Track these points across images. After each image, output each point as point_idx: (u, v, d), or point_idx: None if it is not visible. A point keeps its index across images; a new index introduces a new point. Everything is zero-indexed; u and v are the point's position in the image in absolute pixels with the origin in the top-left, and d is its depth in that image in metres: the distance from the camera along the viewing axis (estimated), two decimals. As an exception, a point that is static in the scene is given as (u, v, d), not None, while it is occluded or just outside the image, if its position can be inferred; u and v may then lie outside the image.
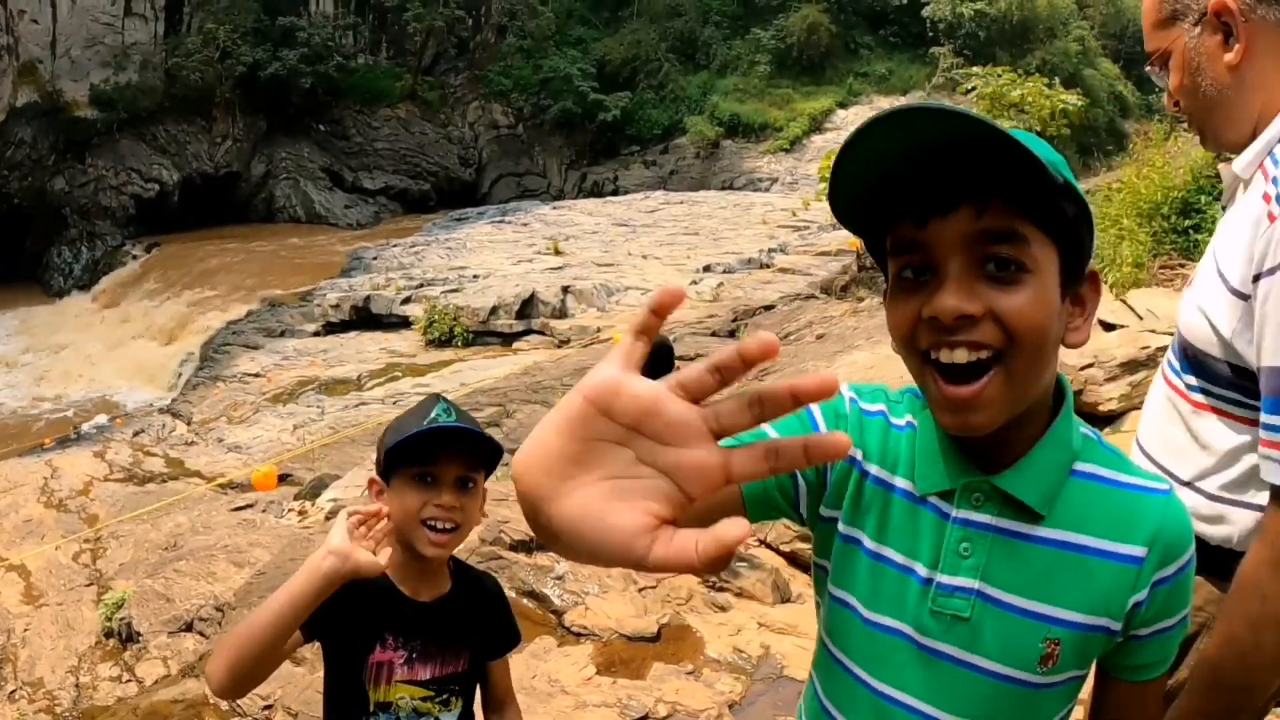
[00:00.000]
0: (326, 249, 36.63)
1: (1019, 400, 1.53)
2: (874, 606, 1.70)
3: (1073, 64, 49.57)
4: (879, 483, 1.70)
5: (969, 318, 1.46)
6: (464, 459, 2.54)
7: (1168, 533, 1.62)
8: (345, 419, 17.80)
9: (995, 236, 1.46)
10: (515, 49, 52.16)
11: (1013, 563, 1.62)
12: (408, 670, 2.63)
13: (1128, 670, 1.74)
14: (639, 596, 6.30)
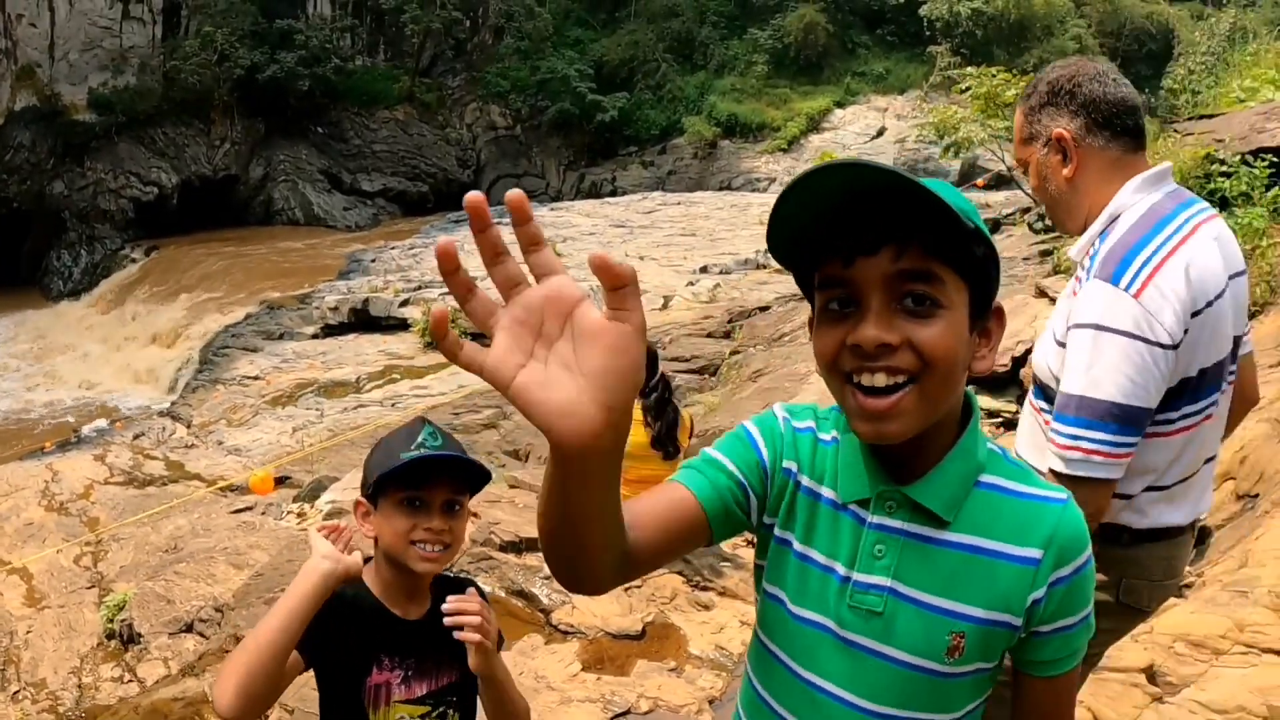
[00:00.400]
0: (325, 251, 36.63)
1: (929, 414, 1.75)
2: (800, 602, 1.92)
3: (1070, 63, 49.48)
4: (808, 492, 1.94)
5: (888, 346, 1.68)
6: (451, 483, 2.65)
7: (1062, 536, 1.82)
8: (344, 421, 17.92)
9: (913, 276, 1.68)
10: (513, 50, 52.09)
11: (922, 564, 1.83)
12: (405, 690, 2.70)
13: (1036, 666, 1.93)
14: (625, 596, 6.46)
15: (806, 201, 1.67)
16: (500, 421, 15.33)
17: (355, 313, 25.45)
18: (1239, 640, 4.97)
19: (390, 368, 21.84)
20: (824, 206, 1.68)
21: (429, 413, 16.54)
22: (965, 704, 1.92)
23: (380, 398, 19.49)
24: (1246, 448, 7.09)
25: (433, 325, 1.30)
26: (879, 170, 1.61)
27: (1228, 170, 11.16)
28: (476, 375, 1.30)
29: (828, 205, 1.67)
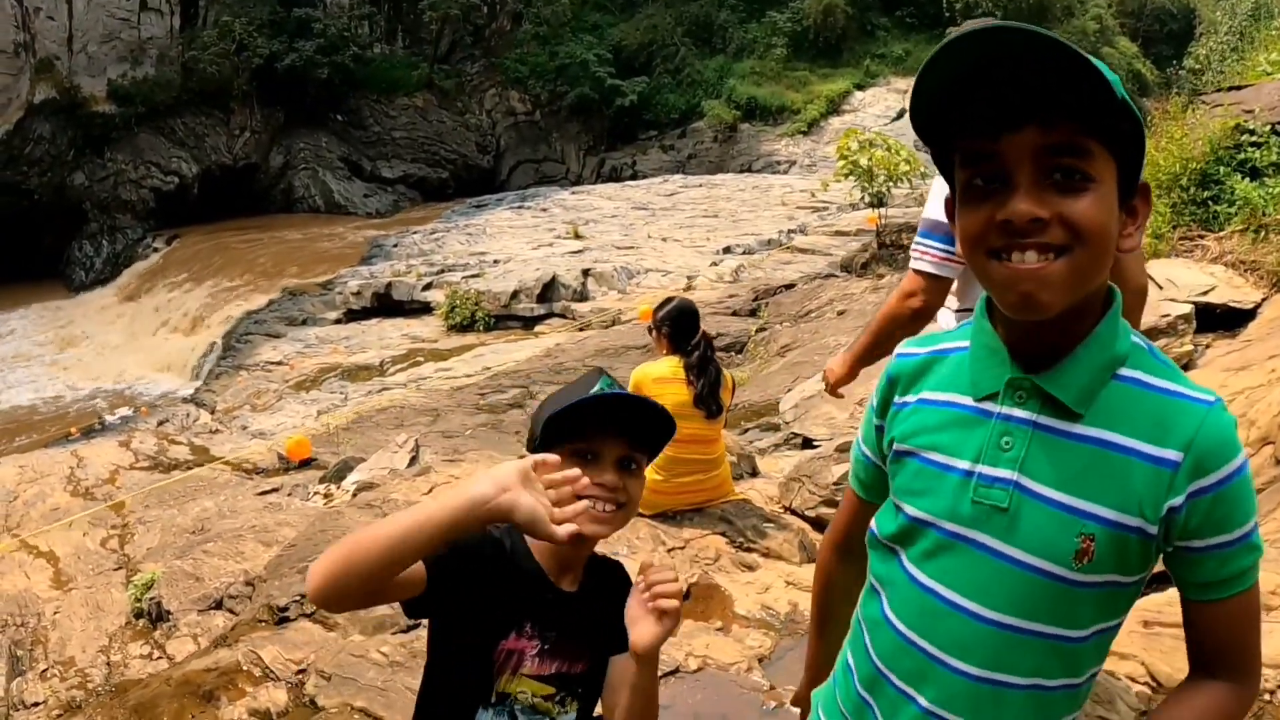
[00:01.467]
0: (346, 238, 36.69)
1: (1079, 288, 1.67)
2: (916, 503, 1.88)
3: (1091, 43, 49.31)
4: (923, 404, 1.93)
5: (1040, 221, 1.61)
6: (627, 438, 2.42)
7: (1206, 439, 1.68)
8: (368, 404, 17.86)
9: (1062, 150, 1.61)
10: (531, 36, 52.06)
11: (1050, 457, 1.73)
12: (536, 663, 2.44)
13: (1194, 589, 1.78)
14: (668, 557, 6.35)
15: (947, 72, 1.63)
16: (527, 401, 15.27)
17: (378, 297, 25.50)
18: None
19: (413, 350, 21.82)
20: (965, 76, 1.62)
21: (454, 394, 16.50)
22: (1093, 622, 1.77)
23: (404, 380, 19.46)
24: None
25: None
26: (1028, 33, 1.55)
27: (1258, 140, 11.12)
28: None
29: (969, 75, 1.62)
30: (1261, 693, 4.32)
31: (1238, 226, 10.85)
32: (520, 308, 23.39)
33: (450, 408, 15.59)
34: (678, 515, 6.90)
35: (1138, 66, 52.66)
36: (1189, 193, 11.48)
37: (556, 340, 20.23)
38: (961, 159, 1.71)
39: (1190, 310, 9.47)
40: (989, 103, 1.61)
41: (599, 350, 17.30)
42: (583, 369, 16.15)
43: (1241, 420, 7.33)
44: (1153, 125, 13.85)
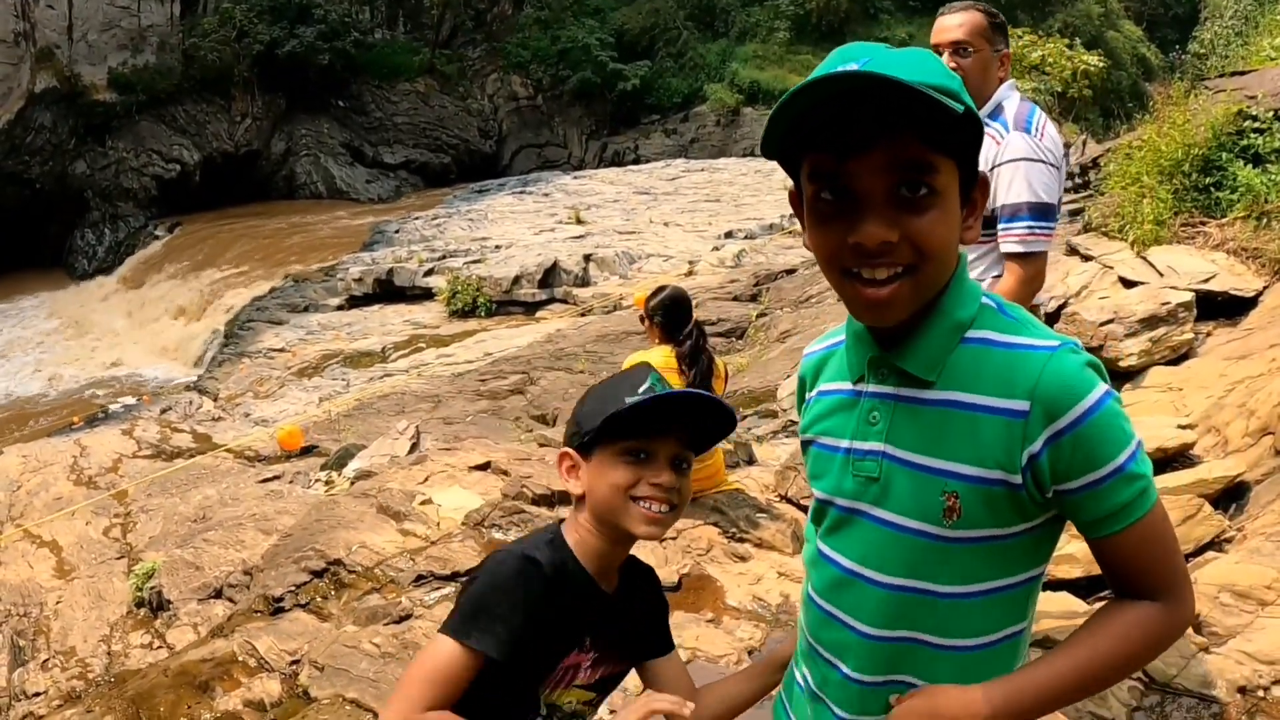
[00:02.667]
0: (348, 224, 36.72)
1: (925, 297, 1.80)
2: (819, 485, 2.03)
3: (1095, 26, 49.28)
4: (822, 395, 2.08)
5: (889, 243, 1.70)
6: (683, 437, 2.32)
7: (1050, 384, 1.72)
8: (370, 391, 17.88)
9: (909, 167, 1.69)
10: (533, 20, 52.05)
11: (912, 425, 1.85)
12: (589, 673, 2.40)
13: (1088, 527, 1.80)
14: (659, 548, 6.36)
15: (801, 104, 1.66)
16: (527, 387, 15.28)
17: (380, 283, 25.50)
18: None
19: (415, 337, 21.85)
20: (814, 104, 1.66)
21: (455, 380, 16.51)
22: (981, 578, 1.83)
23: (406, 366, 19.48)
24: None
25: None
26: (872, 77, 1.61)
27: (1260, 126, 11.09)
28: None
29: (818, 103, 1.66)
30: (1255, 689, 4.34)
31: (1240, 213, 10.82)
32: (522, 293, 23.38)
33: (451, 394, 15.61)
34: (670, 505, 6.91)
35: (1142, 50, 52.59)
36: (1191, 179, 11.45)
37: (558, 326, 20.23)
38: (810, 172, 1.77)
39: (1191, 298, 9.43)
40: (837, 124, 1.67)
41: (600, 336, 17.31)
42: (584, 355, 16.18)
43: (1241, 410, 7.33)
44: (1155, 110, 13.85)
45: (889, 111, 1.63)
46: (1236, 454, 6.97)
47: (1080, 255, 11.70)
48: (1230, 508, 6.40)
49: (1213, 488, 6.40)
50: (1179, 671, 4.46)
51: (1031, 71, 23.96)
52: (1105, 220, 12.01)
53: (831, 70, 1.68)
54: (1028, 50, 23.86)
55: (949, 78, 1.72)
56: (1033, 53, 23.71)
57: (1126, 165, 12.59)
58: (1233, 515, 6.31)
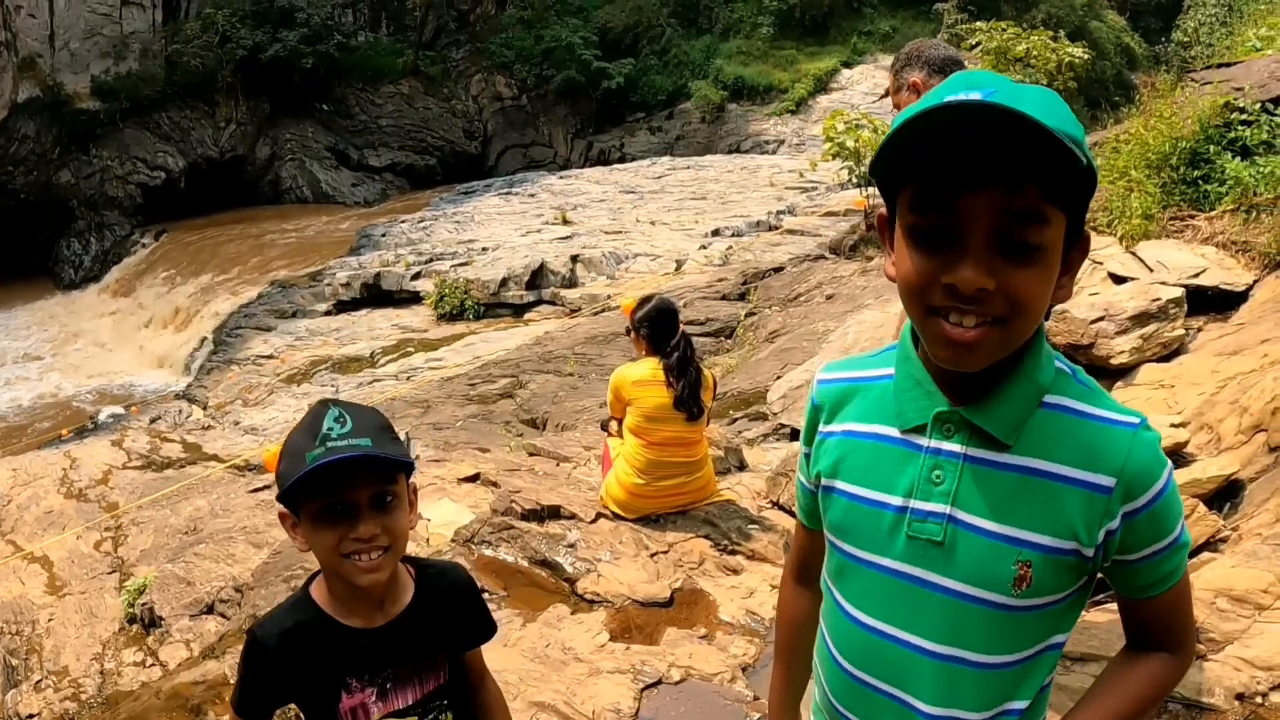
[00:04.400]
0: (335, 228, 36.69)
1: (1009, 349, 1.70)
2: (851, 541, 1.91)
3: (1079, 16, 49.25)
4: (847, 435, 1.96)
5: (985, 291, 1.61)
6: (375, 475, 2.27)
7: (1136, 463, 1.72)
8: (359, 396, 17.84)
9: (1021, 217, 1.60)
10: (516, 20, 51.94)
11: (982, 489, 1.77)
12: (383, 704, 2.41)
13: (1135, 590, 1.85)
14: (651, 562, 6.35)
15: (922, 125, 1.60)
16: (517, 391, 15.25)
17: (367, 288, 25.44)
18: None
19: (404, 341, 21.80)
20: (936, 129, 1.59)
21: (444, 384, 16.48)
22: (1035, 642, 1.82)
23: (395, 371, 19.44)
24: (1278, 398, 7.00)
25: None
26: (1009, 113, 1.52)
27: (1248, 119, 11.09)
28: None
29: (941, 127, 1.59)
30: (1253, 695, 4.35)
31: (1229, 206, 10.80)
32: (509, 295, 23.32)
33: (440, 399, 15.58)
34: (661, 519, 6.89)
35: (1126, 40, 52.66)
36: (1179, 172, 11.44)
37: (546, 328, 20.22)
38: (913, 200, 1.67)
39: (1181, 293, 9.41)
40: (955, 156, 1.59)
41: (589, 337, 17.30)
42: (572, 357, 16.17)
43: (1234, 407, 7.33)
44: (1142, 103, 13.87)
45: (1013, 151, 1.55)
46: (1230, 451, 6.97)
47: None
48: (1225, 507, 6.42)
49: (1207, 487, 6.42)
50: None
51: (1016, 64, 23.96)
52: (1094, 215, 12.00)
53: (955, 96, 1.60)
54: (1012, 44, 23.85)
55: (1076, 126, 1.63)
56: (1017, 45, 23.69)
57: (1114, 159, 12.58)
58: (1227, 514, 6.32)
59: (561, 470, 8.36)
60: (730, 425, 10.43)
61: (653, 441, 6.73)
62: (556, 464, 8.62)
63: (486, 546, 6.62)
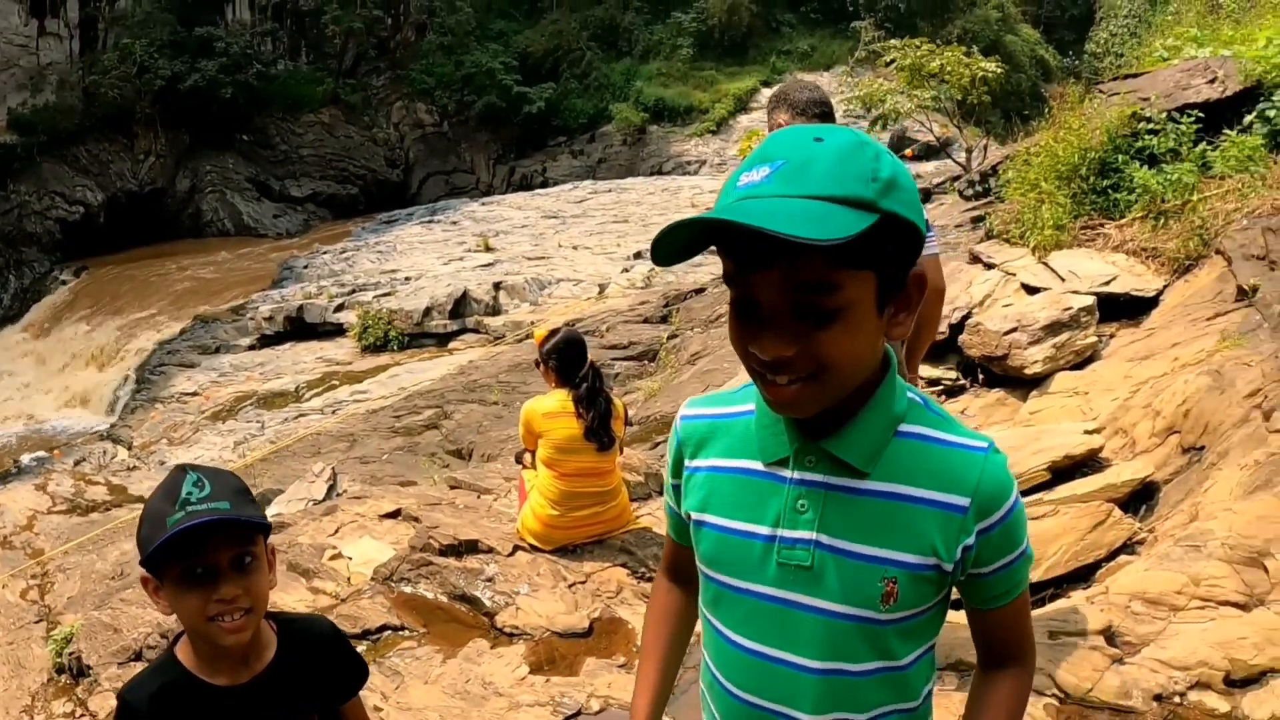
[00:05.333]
0: (257, 260, 36.29)
1: (836, 398, 1.82)
2: (726, 571, 2.01)
3: (994, 31, 49.96)
4: (712, 470, 2.06)
5: (785, 358, 1.74)
6: (234, 537, 2.32)
7: (988, 484, 1.88)
8: (285, 432, 17.76)
9: (811, 288, 1.69)
10: (436, 46, 51.69)
11: (845, 515, 1.89)
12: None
13: (988, 601, 2.01)
14: (569, 593, 6.42)
15: (680, 236, 1.72)
16: (442, 421, 15.25)
17: (290, 321, 25.22)
18: (1195, 595, 5.02)
19: (329, 374, 21.65)
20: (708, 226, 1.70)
21: (369, 417, 16.45)
22: (912, 649, 1.97)
23: (320, 405, 19.32)
24: (1189, 401, 7.19)
25: None
26: (756, 219, 1.61)
27: (1154, 128, 11.35)
28: None
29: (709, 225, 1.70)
30: (1171, 695, 4.47)
31: (1138, 214, 11.06)
32: (433, 325, 23.26)
33: (366, 432, 15.55)
34: (578, 549, 6.98)
35: (1040, 53, 53.49)
36: (1089, 182, 11.69)
37: (470, 357, 20.20)
38: (725, 277, 1.81)
39: (1093, 302, 9.63)
40: (737, 245, 1.71)
41: (513, 365, 17.31)
42: (497, 385, 16.20)
43: (1147, 410, 7.51)
44: (1052, 115, 14.12)
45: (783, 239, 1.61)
46: (1144, 455, 7.15)
47: (983, 263, 11.88)
48: (1141, 509, 6.57)
49: (1122, 491, 6.58)
50: (1094, 685, 4.58)
51: (931, 80, 24.30)
52: (1006, 227, 12.23)
53: (746, 173, 1.72)
54: (926, 60, 24.19)
55: (868, 184, 1.68)
56: (931, 62, 24.03)
57: (1025, 171, 12.83)
58: (1143, 517, 6.48)
59: (482, 503, 8.41)
60: (652, 449, 10.50)
61: (565, 473, 6.84)
62: (477, 496, 8.67)
63: (406, 583, 6.68)
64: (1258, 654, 4.62)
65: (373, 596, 6.55)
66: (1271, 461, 5.94)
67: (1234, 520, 5.47)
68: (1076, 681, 4.57)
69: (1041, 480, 6.77)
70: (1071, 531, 6.00)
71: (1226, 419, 6.81)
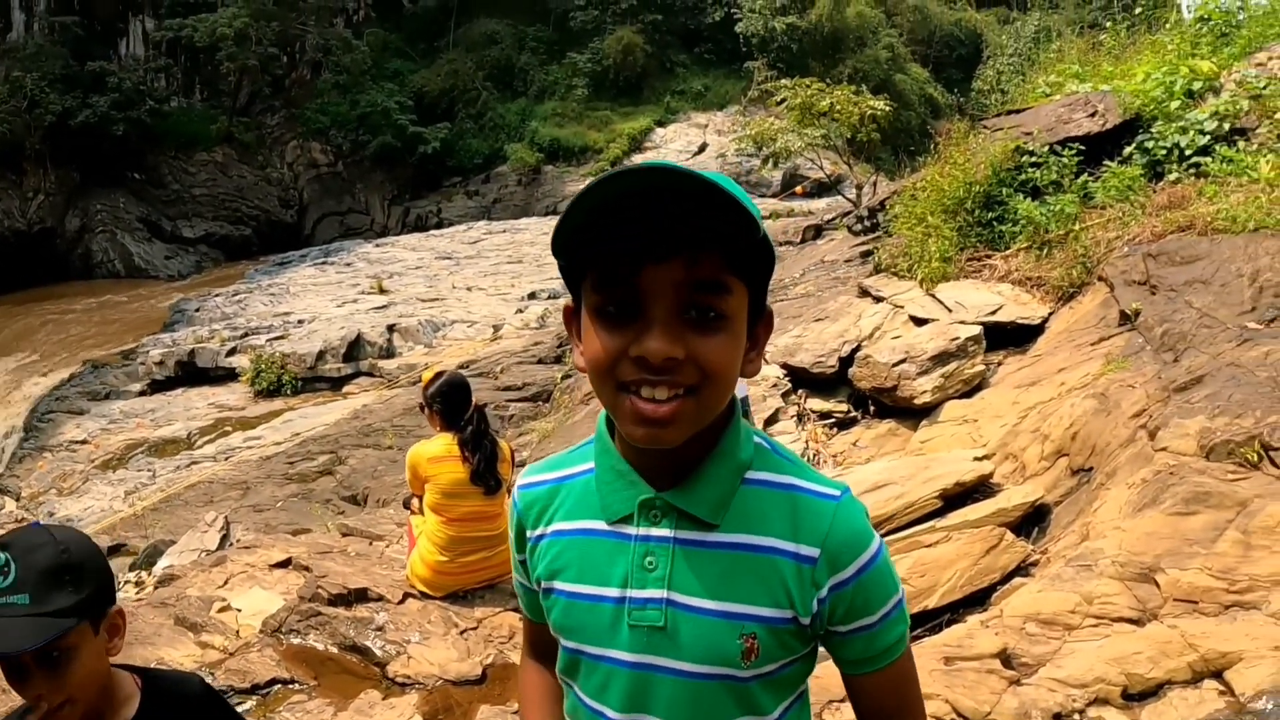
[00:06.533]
0: (148, 303, 35.65)
1: (703, 422, 1.73)
2: (578, 638, 1.90)
3: (883, 71, 50.78)
4: (556, 535, 1.94)
5: (675, 360, 1.62)
6: (27, 652, 2.15)
7: (838, 535, 1.79)
8: (178, 480, 17.46)
9: (705, 287, 1.63)
10: (331, 85, 51.32)
11: (696, 569, 1.79)
12: None
13: (850, 665, 1.90)
14: (461, 639, 6.37)
15: (596, 200, 1.60)
16: (336, 467, 15.10)
17: (182, 365, 24.78)
18: (1089, 613, 5.11)
19: (221, 420, 21.28)
20: (611, 203, 1.60)
21: (263, 464, 16.22)
22: (782, 699, 1.89)
23: (213, 452, 18.97)
24: (1076, 424, 7.36)
25: None
26: (682, 174, 1.55)
27: (1037, 161, 11.66)
28: None
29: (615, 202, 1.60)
30: (1070, 714, 4.52)
31: (1022, 244, 11.38)
32: (327, 368, 22.99)
33: (260, 479, 15.34)
34: (468, 594, 6.94)
35: (929, 91, 54.36)
36: (974, 215, 11.99)
37: (365, 401, 20.00)
38: (597, 282, 1.68)
39: (979, 331, 9.86)
40: (634, 232, 1.60)
41: (407, 409, 17.17)
42: (391, 430, 16.09)
43: (1035, 434, 7.66)
44: (938, 151, 14.39)
45: (693, 221, 1.57)
46: (1034, 478, 7.30)
47: (872, 297, 12.07)
48: (1033, 532, 6.70)
49: (1013, 515, 6.71)
50: (992, 708, 4.61)
51: (821, 118, 24.64)
52: (894, 261, 12.43)
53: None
54: (816, 98, 24.54)
55: (750, 202, 1.63)
56: (821, 101, 24.38)
57: (912, 205, 13.09)
58: (1035, 539, 6.62)
59: (374, 549, 8.33)
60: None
61: (453, 518, 6.80)
62: (369, 543, 8.58)
63: (295, 635, 6.57)
64: (1153, 667, 4.72)
65: (261, 649, 6.44)
66: (1158, 479, 6.08)
67: (1124, 538, 5.61)
68: (975, 705, 4.60)
69: (934, 508, 6.85)
70: (965, 557, 6.08)
71: (1113, 440, 7.00)
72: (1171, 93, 12.05)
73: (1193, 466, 6.10)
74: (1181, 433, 6.47)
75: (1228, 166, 10.70)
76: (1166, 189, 10.94)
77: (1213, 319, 8.06)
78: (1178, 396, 6.99)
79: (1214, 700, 4.50)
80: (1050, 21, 40.56)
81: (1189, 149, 11.34)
